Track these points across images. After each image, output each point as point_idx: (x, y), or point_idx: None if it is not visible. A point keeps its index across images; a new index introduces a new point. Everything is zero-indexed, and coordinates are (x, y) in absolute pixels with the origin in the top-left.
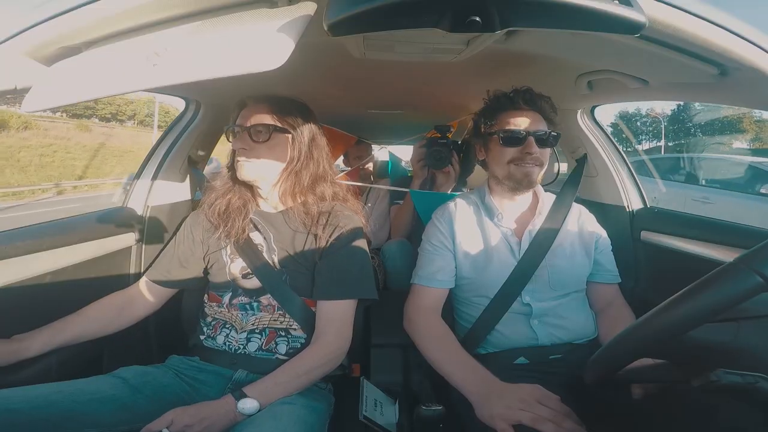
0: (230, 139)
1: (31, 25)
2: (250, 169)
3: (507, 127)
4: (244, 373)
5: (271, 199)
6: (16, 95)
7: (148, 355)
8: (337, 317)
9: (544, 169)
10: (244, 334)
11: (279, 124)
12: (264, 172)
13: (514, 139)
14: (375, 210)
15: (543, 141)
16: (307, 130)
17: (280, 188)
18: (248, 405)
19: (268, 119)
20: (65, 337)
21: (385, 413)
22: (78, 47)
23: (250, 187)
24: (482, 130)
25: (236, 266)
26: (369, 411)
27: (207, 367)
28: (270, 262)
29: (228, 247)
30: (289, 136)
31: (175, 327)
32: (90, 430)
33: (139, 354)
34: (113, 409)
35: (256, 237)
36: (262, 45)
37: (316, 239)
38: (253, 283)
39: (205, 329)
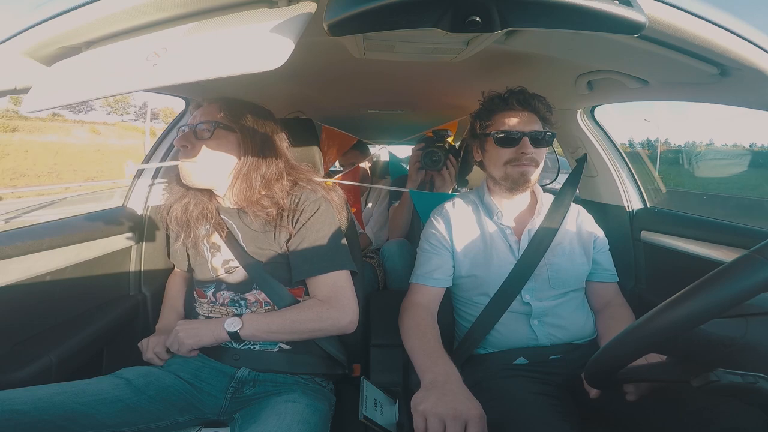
0: None
1: (31, 25)
2: (192, 171)
3: (501, 128)
4: (247, 371)
5: (229, 199)
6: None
7: None
8: (328, 287)
9: (540, 168)
10: None
11: (225, 122)
12: (209, 175)
13: (509, 139)
14: (376, 210)
15: (538, 141)
16: (259, 132)
17: (234, 190)
18: (232, 322)
19: (213, 117)
20: None
21: (385, 413)
22: (78, 47)
23: (206, 190)
24: (478, 131)
25: (218, 260)
26: (369, 411)
27: (209, 365)
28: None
29: (206, 240)
30: (236, 135)
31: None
32: (93, 431)
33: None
34: (117, 409)
35: (232, 230)
36: (262, 45)
37: (282, 228)
38: (236, 277)
39: None
